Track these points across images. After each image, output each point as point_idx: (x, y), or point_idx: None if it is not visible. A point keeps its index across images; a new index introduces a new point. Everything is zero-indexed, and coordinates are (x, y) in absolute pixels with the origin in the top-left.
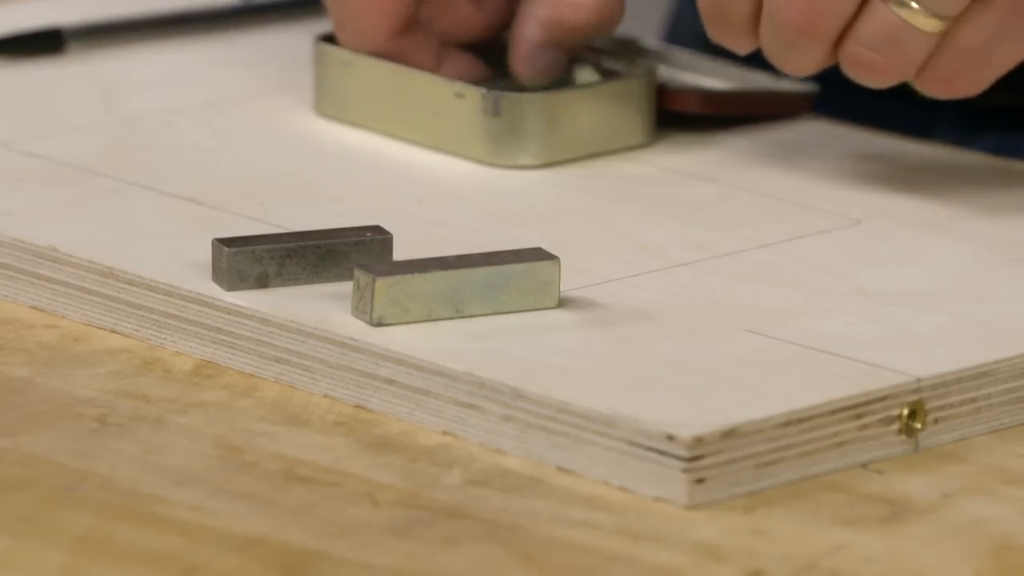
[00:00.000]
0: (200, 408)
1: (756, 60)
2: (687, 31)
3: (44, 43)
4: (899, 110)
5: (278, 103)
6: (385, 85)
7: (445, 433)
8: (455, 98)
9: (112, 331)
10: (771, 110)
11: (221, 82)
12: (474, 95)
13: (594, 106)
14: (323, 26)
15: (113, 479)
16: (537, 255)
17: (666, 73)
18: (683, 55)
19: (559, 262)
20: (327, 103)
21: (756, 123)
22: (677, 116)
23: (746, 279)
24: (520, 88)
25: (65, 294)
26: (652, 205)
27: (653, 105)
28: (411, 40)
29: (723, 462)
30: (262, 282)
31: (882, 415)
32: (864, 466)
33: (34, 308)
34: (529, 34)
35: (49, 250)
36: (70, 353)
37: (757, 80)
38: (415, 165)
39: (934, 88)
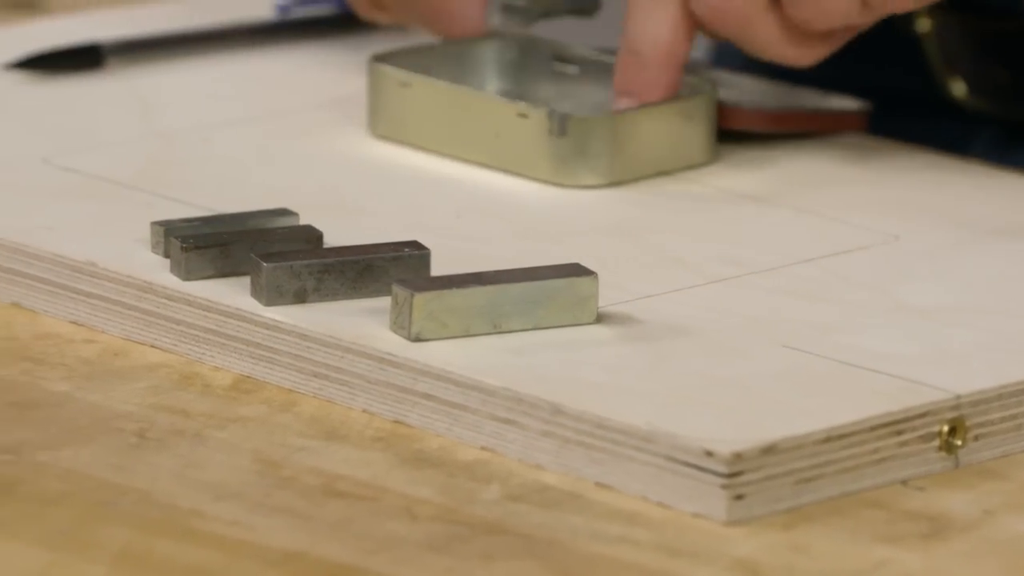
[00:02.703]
0: (239, 423)
1: (804, 78)
2: (734, 51)
3: (83, 59)
4: (937, 126)
5: (314, 118)
6: (444, 105)
7: (483, 448)
8: (518, 118)
9: (151, 346)
10: (827, 128)
11: (257, 98)
12: (538, 115)
13: (658, 125)
14: (358, 42)
15: (152, 494)
16: (575, 271)
17: (726, 94)
18: (730, 73)
19: (597, 278)
20: (383, 124)
21: (804, 139)
22: (735, 133)
23: (785, 295)
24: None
25: (104, 309)
26: (690, 221)
27: (715, 123)
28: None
29: (762, 478)
30: (300, 297)
31: (922, 432)
32: (904, 483)
33: (74, 323)
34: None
35: (88, 265)
36: (109, 368)
37: (806, 97)
38: (452, 180)
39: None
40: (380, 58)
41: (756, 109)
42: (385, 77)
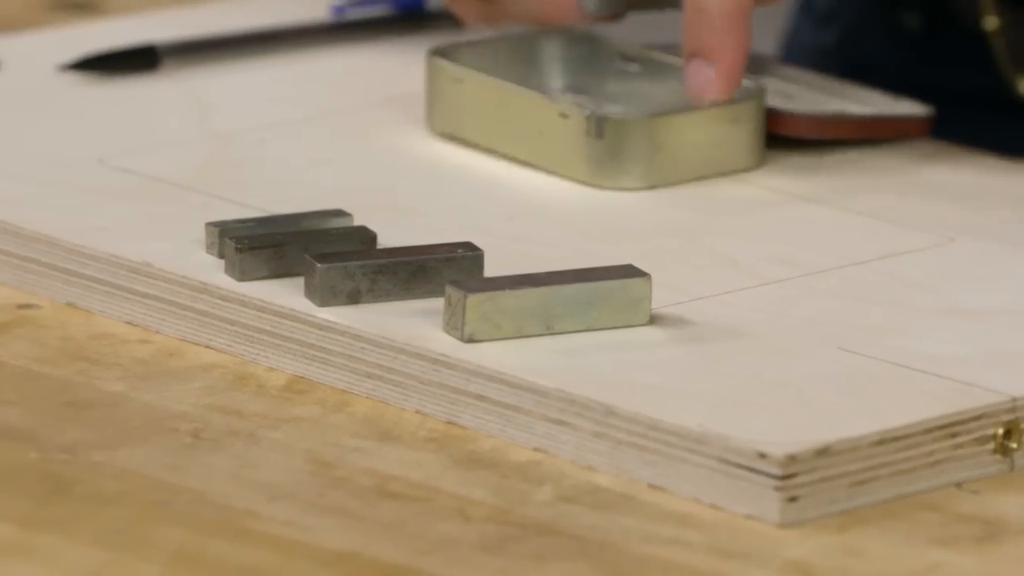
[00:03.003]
0: (292, 423)
1: (868, 78)
2: (804, 46)
3: (139, 60)
4: (1002, 125)
5: (369, 119)
6: (493, 102)
7: (536, 449)
8: (560, 118)
9: (206, 346)
10: (885, 134)
11: (312, 99)
12: (578, 116)
13: (700, 130)
14: (412, 43)
15: (207, 494)
16: (628, 272)
17: (788, 92)
18: (802, 73)
19: (650, 279)
20: (439, 118)
21: (868, 145)
22: (790, 139)
23: (839, 297)
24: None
25: (159, 309)
26: (744, 223)
27: (763, 128)
28: None
29: (816, 480)
30: (354, 298)
31: (977, 434)
32: (958, 485)
33: (129, 323)
34: None
35: (143, 265)
36: (164, 368)
37: (870, 99)
38: (505, 181)
39: None
40: (438, 52)
41: (812, 115)
42: (440, 72)
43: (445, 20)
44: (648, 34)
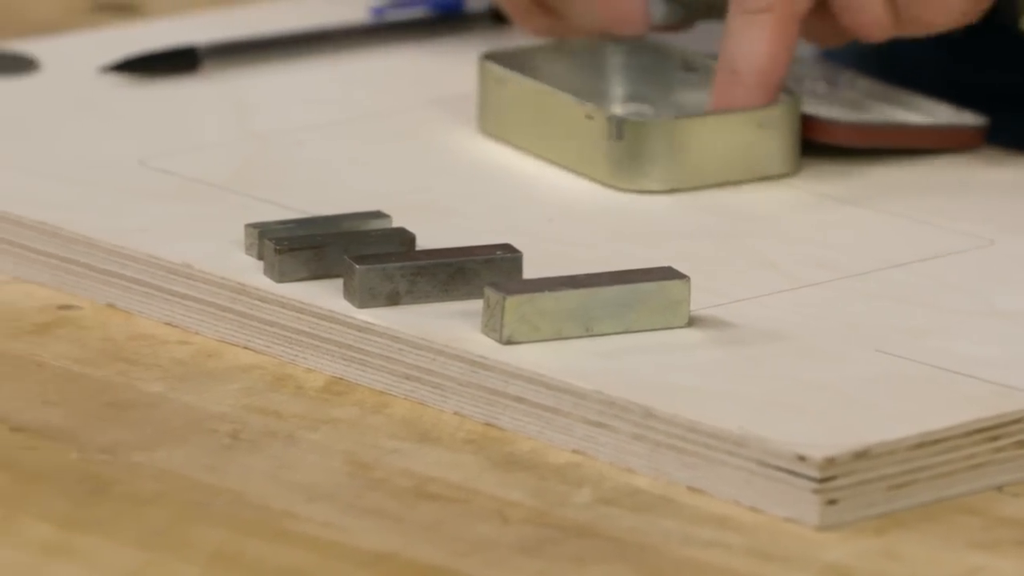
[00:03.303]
0: (331, 425)
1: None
2: (843, 50)
3: (179, 61)
4: None
5: (408, 121)
6: (530, 103)
7: (575, 451)
8: (586, 119)
9: (244, 347)
10: (933, 144)
11: (351, 100)
12: (601, 118)
13: (724, 133)
14: (451, 45)
15: (245, 494)
16: (667, 274)
17: (856, 102)
18: (871, 84)
19: (689, 281)
20: (487, 120)
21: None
22: (831, 146)
23: (878, 299)
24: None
25: (198, 310)
26: (783, 225)
27: (797, 135)
28: None
29: (855, 483)
30: (393, 299)
31: (1018, 437)
32: (999, 489)
33: (168, 324)
34: None
35: (183, 267)
36: (203, 369)
37: (938, 112)
38: (545, 183)
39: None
40: (489, 56)
41: (854, 124)
42: (487, 74)
43: (484, 21)
44: (712, 44)
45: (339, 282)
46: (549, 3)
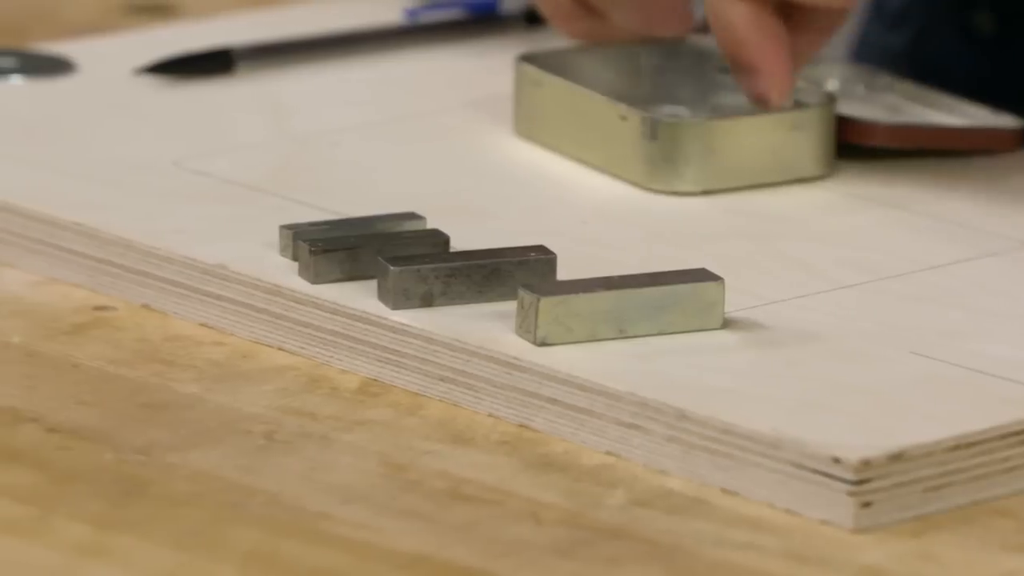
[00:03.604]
0: (366, 426)
1: (947, 84)
2: (874, 48)
3: (214, 63)
4: None
5: (442, 123)
6: (566, 105)
7: (608, 453)
8: (620, 120)
9: (279, 348)
10: (970, 146)
11: (387, 101)
12: (635, 118)
13: (757, 135)
14: (485, 47)
15: (280, 496)
16: (701, 276)
17: (895, 105)
18: (908, 86)
19: (723, 283)
20: (522, 122)
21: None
22: (868, 148)
23: (913, 301)
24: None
25: (233, 311)
26: (817, 227)
27: (831, 136)
28: None
29: (890, 486)
30: (427, 301)
31: None
32: None
33: (203, 325)
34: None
35: (218, 268)
36: (238, 370)
37: (975, 114)
38: (578, 185)
39: None
40: (525, 58)
41: (890, 125)
42: (523, 76)
43: (518, 23)
44: None
45: (373, 283)
46: (591, 4)
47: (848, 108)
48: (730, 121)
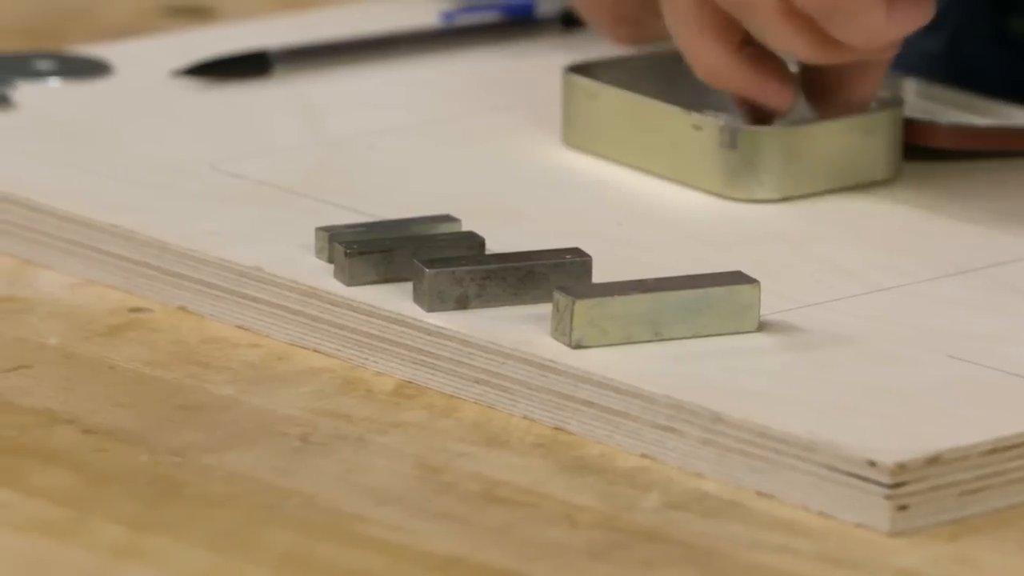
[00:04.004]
0: (401, 428)
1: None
2: (912, 50)
3: (251, 66)
4: None
5: (477, 125)
6: (627, 116)
7: (643, 456)
8: (693, 130)
9: (314, 350)
10: None
11: (422, 104)
12: (711, 128)
13: (834, 139)
14: (521, 50)
15: (315, 497)
16: (737, 278)
17: (930, 111)
18: (943, 91)
19: (759, 286)
20: (574, 134)
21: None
22: (930, 150)
23: (949, 304)
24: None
25: (269, 313)
26: (854, 230)
27: (899, 140)
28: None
29: (927, 489)
30: (462, 303)
31: None
32: None
33: (239, 327)
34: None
35: (254, 270)
36: (273, 372)
37: (1013, 115)
38: (614, 186)
39: None
40: (575, 69)
41: (954, 126)
42: (575, 87)
43: (554, 25)
44: None
45: (409, 285)
46: (632, 17)
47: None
48: (808, 127)
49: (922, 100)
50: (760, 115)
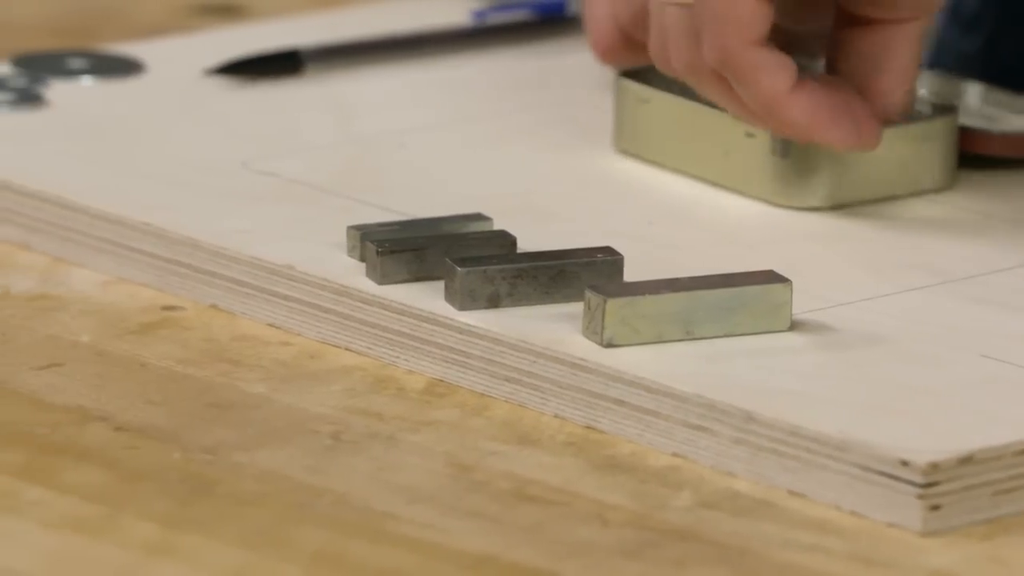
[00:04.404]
0: (432, 426)
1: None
2: (950, 52)
3: (282, 64)
4: None
5: (508, 124)
6: (678, 122)
7: (675, 455)
8: (745, 137)
9: (346, 349)
10: None
11: (453, 103)
12: (763, 135)
13: (888, 147)
14: (552, 49)
15: (347, 495)
16: (769, 277)
17: (989, 115)
18: (995, 92)
19: (791, 285)
20: (625, 139)
21: None
22: (984, 158)
23: (982, 303)
24: None
25: (300, 312)
26: (886, 228)
27: (954, 148)
28: None
29: (959, 489)
30: (493, 302)
31: None
32: None
33: (270, 325)
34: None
35: (285, 268)
36: (305, 370)
37: None
38: (645, 186)
39: None
40: (626, 74)
41: (1009, 134)
42: (627, 92)
43: None
44: None
45: (440, 284)
46: (638, 38)
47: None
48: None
49: (988, 106)
50: None
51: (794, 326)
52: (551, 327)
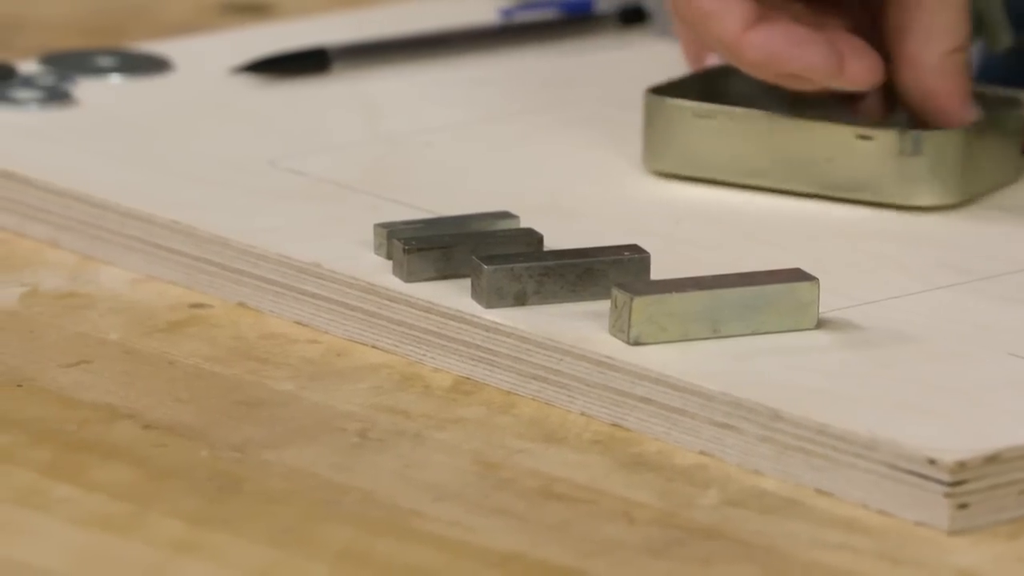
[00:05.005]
0: (459, 424)
1: None
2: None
3: (310, 63)
4: None
5: (535, 122)
6: (758, 135)
7: (702, 453)
8: (858, 140)
9: (373, 346)
10: None
11: (480, 102)
12: (885, 136)
13: (1001, 140)
14: (579, 47)
15: (373, 493)
16: (796, 276)
17: None
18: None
19: (818, 283)
20: (669, 160)
21: None
22: None
23: (1010, 302)
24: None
25: (328, 310)
26: (912, 227)
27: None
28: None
29: (987, 487)
30: (520, 300)
31: None
32: None
33: (298, 323)
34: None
35: (313, 266)
36: (332, 368)
37: None
38: (670, 185)
39: None
40: (658, 90)
41: None
42: (678, 111)
43: (612, 23)
44: None
45: (467, 282)
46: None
47: None
48: (980, 128)
49: None
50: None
51: (821, 324)
52: (578, 325)
